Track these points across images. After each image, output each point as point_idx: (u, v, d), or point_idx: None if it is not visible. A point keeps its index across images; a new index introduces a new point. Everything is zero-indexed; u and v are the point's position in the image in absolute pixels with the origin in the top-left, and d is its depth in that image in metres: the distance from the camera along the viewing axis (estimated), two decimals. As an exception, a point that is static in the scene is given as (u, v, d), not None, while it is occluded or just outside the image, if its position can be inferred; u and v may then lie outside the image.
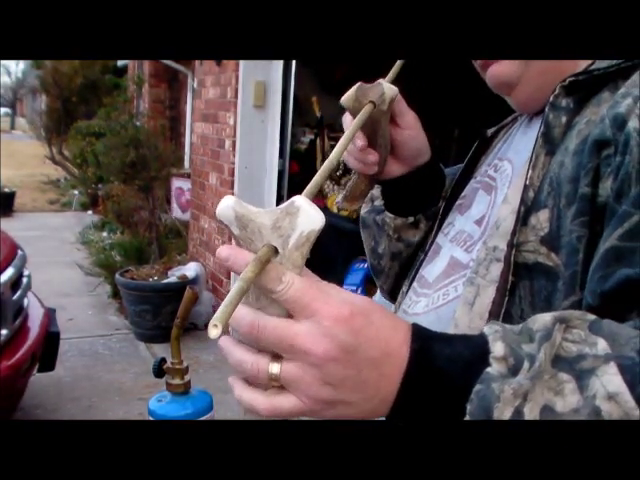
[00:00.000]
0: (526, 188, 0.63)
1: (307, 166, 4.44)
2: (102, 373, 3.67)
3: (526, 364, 0.45)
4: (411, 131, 0.80)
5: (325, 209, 4.18)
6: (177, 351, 1.89)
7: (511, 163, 0.74)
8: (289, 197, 0.86)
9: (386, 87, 0.71)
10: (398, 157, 0.82)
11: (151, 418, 1.84)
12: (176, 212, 5.60)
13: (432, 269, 0.78)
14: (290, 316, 0.46)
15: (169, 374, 1.85)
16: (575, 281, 0.58)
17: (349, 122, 0.75)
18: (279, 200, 4.01)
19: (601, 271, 0.54)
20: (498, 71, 0.71)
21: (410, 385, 0.47)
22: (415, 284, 0.80)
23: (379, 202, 0.90)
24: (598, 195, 0.57)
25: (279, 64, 3.99)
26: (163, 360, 1.77)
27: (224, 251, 0.47)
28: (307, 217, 0.45)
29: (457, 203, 0.82)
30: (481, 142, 0.87)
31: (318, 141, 4.41)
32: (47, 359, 2.90)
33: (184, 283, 3.99)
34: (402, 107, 0.79)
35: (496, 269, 0.63)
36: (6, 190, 9.07)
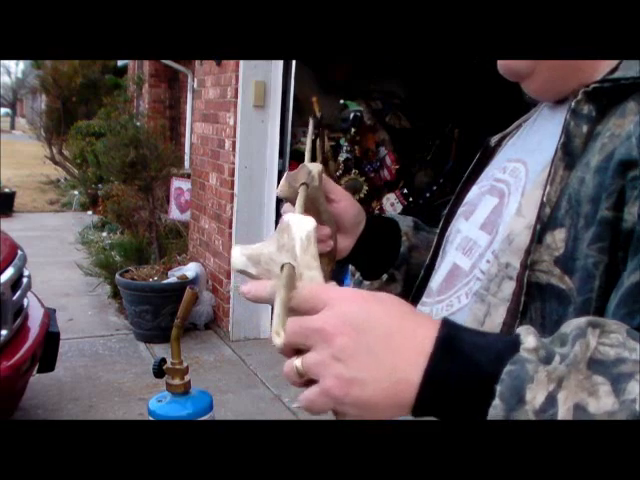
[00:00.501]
0: (543, 205, 0.60)
1: (307, 166, 4.43)
2: (102, 373, 3.67)
3: (557, 357, 0.44)
4: (346, 202, 0.84)
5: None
6: (177, 351, 1.89)
7: (525, 165, 0.70)
8: (289, 197, 0.85)
9: (310, 166, 0.75)
10: (343, 231, 0.85)
11: (151, 418, 1.84)
12: (174, 213, 5.59)
13: (436, 278, 0.77)
14: None
15: (169, 374, 1.85)
16: (589, 308, 0.55)
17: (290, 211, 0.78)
18: (279, 200, 4.00)
19: (627, 307, 0.52)
20: (507, 62, 0.69)
21: (435, 370, 0.46)
22: (424, 296, 0.79)
23: (358, 275, 0.93)
24: (623, 220, 0.53)
25: (279, 64, 3.99)
26: (163, 360, 1.78)
27: (245, 287, 0.53)
28: (299, 225, 0.52)
29: (461, 209, 0.80)
30: (484, 151, 0.85)
31: (318, 141, 4.40)
32: (47, 359, 2.90)
33: (184, 283, 3.99)
34: (330, 184, 0.82)
35: (508, 287, 0.61)
36: (6, 190, 9.07)
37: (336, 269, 0.90)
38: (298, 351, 0.49)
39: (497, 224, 0.67)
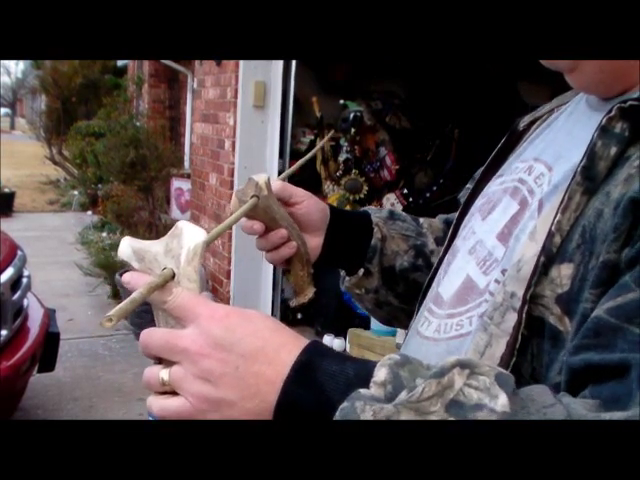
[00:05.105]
0: (551, 234, 0.55)
1: (307, 166, 4.44)
2: (102, 373, 3.67)
3: (404, 394, 0.44)
4: (307, 201, 0.84)
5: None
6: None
7: (550, 173, 0.63)
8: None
9: (257, 177, 0.77)
10: (311, 231, 0.85)
11: (151, 418, 1.84)
12: (175, 213, 5.60)
13: (447, 285, 0.72)
14: None
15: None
16: None
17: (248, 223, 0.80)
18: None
19: (579, 339, 0.49)
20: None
21: (288, 395, 0.48)
22: (430, 301, 0.75)
23: (342, 272, 0.93)
24: (621, 262, 0.48)
25: (279, 64, 3.99)
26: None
27: (127, 276, 0.53)
28: (190, 234, 0.53)
29: (479, 202, 0.75)
30: (511, 135, 0.78)
31: (318, 141, 4.40)
32: (47, 359, 2.90)
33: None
34: (288, 188, 0.82)
35: (511, 319, 0.56)
36: (6, 190, 9.08)
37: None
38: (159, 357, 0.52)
39: (513, 235, 0.63)
